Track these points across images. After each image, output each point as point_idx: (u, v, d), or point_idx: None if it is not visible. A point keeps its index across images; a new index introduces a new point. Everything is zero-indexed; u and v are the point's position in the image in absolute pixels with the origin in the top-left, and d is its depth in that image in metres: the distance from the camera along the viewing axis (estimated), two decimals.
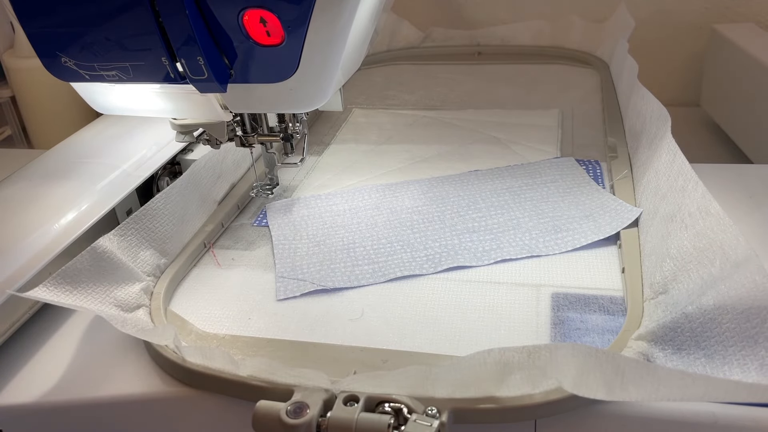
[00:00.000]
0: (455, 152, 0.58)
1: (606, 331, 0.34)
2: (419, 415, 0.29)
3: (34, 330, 0.39)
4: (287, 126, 0.46)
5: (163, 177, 0.54)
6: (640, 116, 0.52)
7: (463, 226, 0.45)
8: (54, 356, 0.37)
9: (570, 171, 0.51)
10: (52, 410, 0.34)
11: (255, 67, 0.33)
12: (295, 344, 0.36)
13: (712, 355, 0.30)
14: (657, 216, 0.39)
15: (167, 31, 0.31)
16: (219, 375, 0.32)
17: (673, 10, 0.81)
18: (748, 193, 0.46)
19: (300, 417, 0.28)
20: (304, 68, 0.33)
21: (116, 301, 0.37)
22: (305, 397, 0.29)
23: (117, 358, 0.36)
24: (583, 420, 0.30)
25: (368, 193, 0.51)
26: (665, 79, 0.84)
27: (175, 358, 0.34)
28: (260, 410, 0.29)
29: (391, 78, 0.78)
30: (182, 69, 0.33)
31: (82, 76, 0.35)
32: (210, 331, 0.37)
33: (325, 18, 0.31)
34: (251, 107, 0.37)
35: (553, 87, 0.72)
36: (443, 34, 0.85)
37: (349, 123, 0.66)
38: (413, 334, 0.36)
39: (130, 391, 0.34)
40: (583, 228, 0.43)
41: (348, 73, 0.39)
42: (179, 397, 0.34)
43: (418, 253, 0.43)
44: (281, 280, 0.41)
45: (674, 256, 0.34)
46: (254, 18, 0.31)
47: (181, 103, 0.39)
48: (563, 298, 0.37)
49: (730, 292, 0.29)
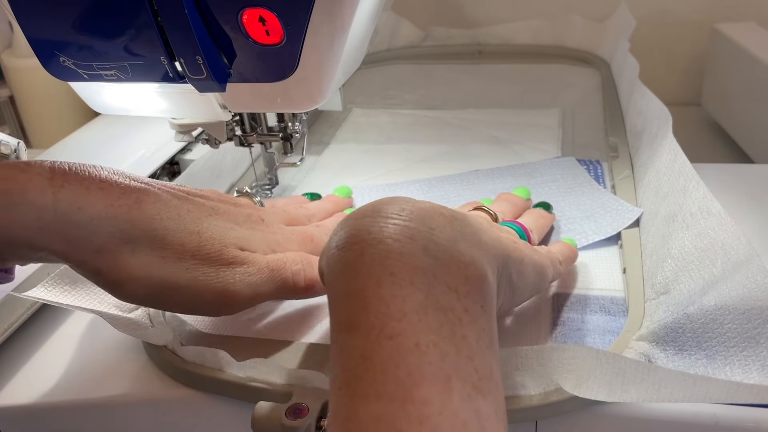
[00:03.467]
0: (455, 152, 0.58)
1: (607, 332, 0.34)
2: None
3: (33, 330, 0.39)
4: (287, 125, 0.46)
5: (162, 177, 0.54)
6: (641, 116, 0.52)
7: None
8: (52, 357, 0.37)
9: (571, 171, 0.51)
10: (50, 410, 0.34)
11: (254, 66, 0.33)
12: (295, 344, 0.36)
13: (713, 355, 0.30)
14: (658, 216, 0.39)
15: (166, 30, 0.31)
16: (218, 376, 0.32)
17: (674, 9, 0.81)
18: (749, 192, 0.46)
19: (299, 418, 0.28)
20: (304, 68, 0.33)
21: (115, 301, 0.37)
22: (305, 398, 0.29)
23: (115, 358, 0.36)
24: (584, 421, 0.30)
25: (368, 193, 0.51)
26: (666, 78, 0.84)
27: (174, 358, 0.34)
28: (259, 411, 0.29)
29: (391, 78, 0.78)
30: (181, 68, 0.32)
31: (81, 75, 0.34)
32: (209, 332, 0.37)
33: (325, 17, 0.31)
34: (250, 107, 0.37)
35: (554, 86, 0.71)
36: (443, 34, 0.85)
37: (348, 123, 0.66)
38: None
39: (129, 391, 0.34)
40: (584, 228, 0.43)
41: (348, 72, 0.39)
42: (178, 398, 0.33)
43: None
44: None
45: (675, 257, 0.34)
46: (253, 17, 0.31)
47: (180, 103, 0.39)
48: (564, 299, 0.37)
49: (731, 293, 0.29)
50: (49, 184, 0.28)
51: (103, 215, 0.28)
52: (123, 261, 0.29)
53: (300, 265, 0.34)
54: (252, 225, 0.35)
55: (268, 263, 0.33)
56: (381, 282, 0.23)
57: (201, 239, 0.31)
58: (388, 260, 0.23)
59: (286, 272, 0.33)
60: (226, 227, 0.32)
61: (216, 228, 0.32)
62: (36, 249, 0.28)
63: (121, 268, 0.29)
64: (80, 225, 0.28)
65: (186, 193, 0.33)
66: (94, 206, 0.28)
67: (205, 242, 0.31)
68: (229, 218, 0.33)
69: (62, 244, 0.28)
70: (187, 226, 0.31)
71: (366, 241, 0.24)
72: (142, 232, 0.29)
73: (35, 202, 0.27)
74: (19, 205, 0.27)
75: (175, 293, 0.30)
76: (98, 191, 0.29)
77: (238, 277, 0.31)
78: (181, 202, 0.32)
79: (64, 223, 0.28)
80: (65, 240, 0.28)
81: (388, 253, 0.24)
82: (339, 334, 0.23)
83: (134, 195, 0.30)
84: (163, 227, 0.30)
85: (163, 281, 0.30)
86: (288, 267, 0.33)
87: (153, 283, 0.29)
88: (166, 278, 0.30)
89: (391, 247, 0.24)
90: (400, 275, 0.23)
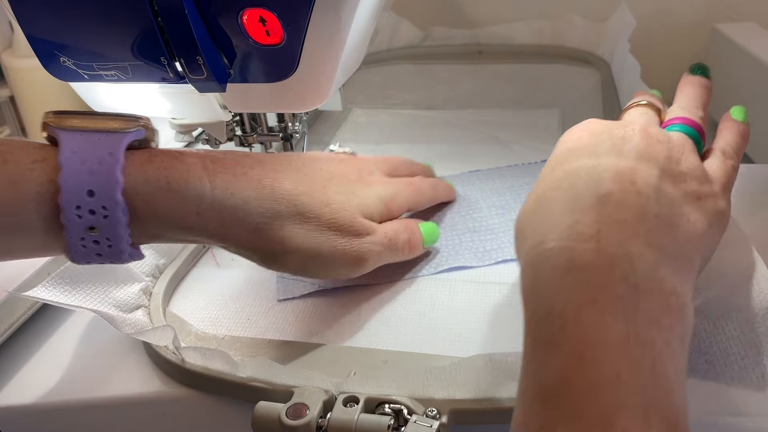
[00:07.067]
0: (455, 152, 0.58)
1: None
2: (419, 417, 0.28)
3: (33, 330, 0.39)
4: (287, 126, 0.46)
5: None
6: None
7: (463, 226, 0.45)
8: (53, 357, 0.37)
9: None
10: (51, 410, 0.34)
11: (254, 66, 0.33)
12: (295, 345, 0.36)
13: (713, 360, 0.30)
14: None
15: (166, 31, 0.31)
16: (218, 376, 0.32)
17: (674, 9, 0.81)
18: (750, 193, 0.46)
19: (300, 418, 0.28)
20: (304, 68, 0.33)
21: (115, 301, 0.37)
22: (305, 398, 0.29)
23: (116, 358, 0.36)
24: None
25: None
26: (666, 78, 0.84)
27: (174, 358, 0.34)
28: (260, 411, 0.29)
29: (391, 78, 0.78)
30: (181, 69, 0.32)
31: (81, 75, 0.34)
32: (209, 332, 0.37)
33: (325, 17, 0.31)
34: (251, 107, 0.37)
35: (554, 86, 0.71)
36: (443, 34, 0.85)
37: (348, 123, 0.66)
38: (413, 335, 0.36)
39: (129, 392, 0.34)
40: None
41: (348, 72, 0.39)
42: (178, 398, 0.33)
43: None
44: (281, 281, 0.41)
45: None
46: (254, 17, 0.31)
47: (181, 103, 0.39)
48: None
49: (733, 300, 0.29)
50: (204, 173, 0.31)
51: (253, 197, 0.32)
52: (275, 237, 0.32)
53: (407, 234, 0.38)
54: (364, 180, 0.38)
55: (386, 233, 0.37)
56: (581, 309, 0.23)
57: (332, 210, 0.34)
58: (588, 287, 0.23)
59: (398, 241, 0.38)
60: (348, 192, 0.36)
61: (340, 197, 0.35)
62: (193, 233, 0.31)
63: (275, 243, 0.32)
64: (235, 208, 0.31)
65: (302, 163, 0.36)
66: (245, 190, 0.32)
67: (336, 213, 0.34)
68: (346, 179, 0.37)
69: (219, 228, 0.31)
70: (318, 197, 0.34)
71: (570, 260, 0.24)
72: (285, 209, 0.33)
73: (195, 190, 0.30)
74: (181, 192, 0.30)
75: (319, 262, 0.34)
76: (242, 176, 0.32)
77: (366, 246, 0.35)
78: (303, 175, 0.35)
79: (220, 208, 0.31)
80: (221, 223, 0.31)
81: (589, 280, 0.24)
82: (538, 347, 0.23)
83: (270, 175, 0.33)
84: (301, 202, 0.33)
85: (310, 252, 0.33)
86: (399, 237, 0.38)
87: (302, 255, 0.33)
88: (312, 249, 0.33)
89: (590, 276, 0.24)
90: (601, 304, 0.23)
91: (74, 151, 0.28)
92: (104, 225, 0.28)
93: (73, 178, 0.27)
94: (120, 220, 0.28)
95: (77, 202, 0.27)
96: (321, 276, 0.37)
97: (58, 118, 0.29)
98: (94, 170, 0.28)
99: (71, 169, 0.27)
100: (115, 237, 0.29)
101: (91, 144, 0.28)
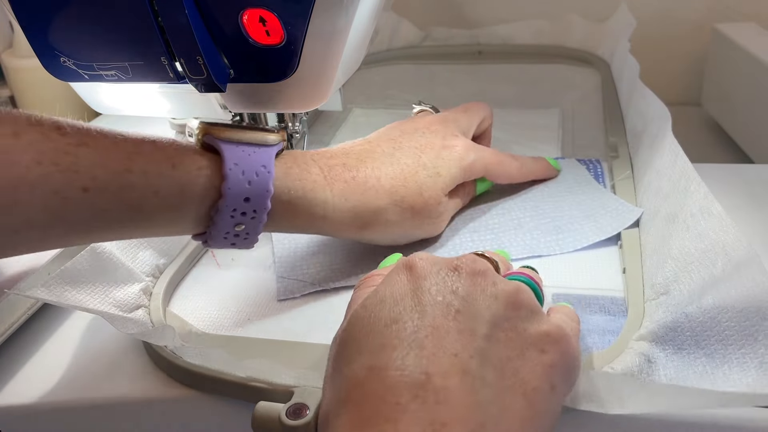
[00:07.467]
0: None
1: (607, 332, 0.34)
2: None
3: (33, 330, 0.39)
4: (287, 126, 0.46)
5: None
6: (642, 116, 0.52)
7: (463, 226, 0.45)
8: (53, 357, 0.37)
9: (571, 171, 0.51)
10: (51, 410, 0.34)
11: (254, 66, 0.33)
12: (295, 345, 0.36)
13: (712, 354, 0.30)
14: (658, 216, 0.39)
15: (166, 31, 0.31)
16: (218, 376, 0.32)
17: (674, 9, 0.81)
18: (750, 193, 0.46)
19: (300, 418, 0.28)
20: (304, 68, 0.33)
21: (115, 301, 0.37)
22: (305, 397, 0.29)
23: (116, 358, 0.36)
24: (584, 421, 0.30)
25: None
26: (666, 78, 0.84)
27: (174, 358, 0.34)
28: (260, 411, 0.29)
29: (391, 78, 0.78)
30: (181, 69, 0.32)
31: (81, 75, 0.34)
32: (209, 332, 0.37)
33: (325, 18, 0.31)
34: (251, 107, 0.37)
35: (554, 86, 0.71)
36: (444, 34, 0.85)
37: (348, 123, 0.66)
38: None
39: (129, 392, 0.34)
40: (585, 228, 0.43)
41: (348, 72, 0.39)
42: (178, 398, 0.33)
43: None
44: (281, 281, 0.41)
45: (676, 257, 0.34)
46: (254, 17, 0.31)
47: (181, 103, 0.39)
48: (564, 299, 0.37)
49: (730, 292, 0.29)
50: (326, 183, 0.36)
51: (362, 200, 0.37)
52: (384, 231, 0.39)
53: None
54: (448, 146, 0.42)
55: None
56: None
57: (424, 199, 0.39)
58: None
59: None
60: (435, 175, 0.40)
61: (430, 180, 0.40)
62: (314, 229, 0.37)
63: (378, 233, 0.39)
64: (351, 211, 0.37)
65: (394, 146, 0.41)
66: (354, 193, 0.37)
67: (426, 202, 0.40)
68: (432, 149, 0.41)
69: (335, 230, 0.38)
70: (412, 187, 0.39)
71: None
72: (386, 204, 0.38)
73: (321, 198, 0.36)
74: (312, 200, 0.36)
75: (407, 238, 0.41)
76: (352, 181, 0.37)
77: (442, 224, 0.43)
78: (396, 161, 0.40)
79: (337, 212, 0.37)
80: (338, 227, 0.37)
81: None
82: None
83: (373, 174, 0.38)
84: (399, 195, 0.39)
85: (410, 238, 0.41)
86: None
87: (406, 239, 0.41)
88: (411, 237, 0.41)
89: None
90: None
91: (236, 164, 0.32)
92: (250, 224, 0.33)
93: (235, 187, 0.32)
94: (263, 220, 0.34)
95: (234, 206, 0.32)
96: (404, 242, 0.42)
97: (217, 129, 0.33)
98: (252, 181, 0.32)
99: (233, 180, 0.32)
100: (254, 232, 0.34)
101: (247, 156, 0.33)
